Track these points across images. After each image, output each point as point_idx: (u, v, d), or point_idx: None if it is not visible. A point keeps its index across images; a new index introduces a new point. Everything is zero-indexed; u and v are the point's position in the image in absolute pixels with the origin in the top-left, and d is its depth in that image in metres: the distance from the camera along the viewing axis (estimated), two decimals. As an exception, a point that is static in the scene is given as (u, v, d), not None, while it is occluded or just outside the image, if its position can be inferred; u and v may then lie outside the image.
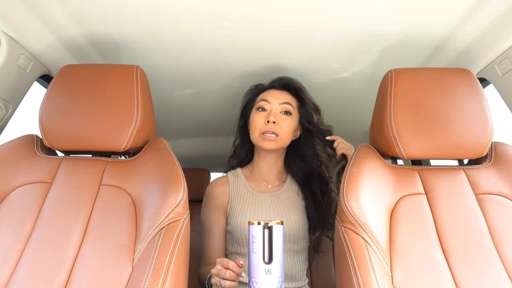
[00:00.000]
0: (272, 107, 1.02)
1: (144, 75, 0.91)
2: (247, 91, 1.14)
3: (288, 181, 1.10)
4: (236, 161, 1.16)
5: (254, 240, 0.60)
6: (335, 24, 0.92)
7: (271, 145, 1.00)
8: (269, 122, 0.99)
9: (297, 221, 0.99)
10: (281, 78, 1.09)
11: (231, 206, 1.03)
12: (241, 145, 1.15)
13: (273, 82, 1.09)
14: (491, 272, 0.68)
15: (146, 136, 0.89)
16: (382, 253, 0.69)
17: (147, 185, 0.78)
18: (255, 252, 0.60)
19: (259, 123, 1.01)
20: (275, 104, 1.03)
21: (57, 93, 0.87)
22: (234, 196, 1.04)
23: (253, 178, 1.08)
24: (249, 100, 1.12)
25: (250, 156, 1.15)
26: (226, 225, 1.02)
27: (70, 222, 0.74)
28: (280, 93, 1.06)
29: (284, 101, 1.03)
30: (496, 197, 0.77)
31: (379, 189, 0.76)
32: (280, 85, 1.08)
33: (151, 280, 0.62)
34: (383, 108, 0.84)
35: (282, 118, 1.01)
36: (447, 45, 1.00)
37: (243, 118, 1.13)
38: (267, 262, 0.60)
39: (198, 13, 0.88)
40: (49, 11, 0.87)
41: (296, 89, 1.08)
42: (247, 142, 1.13)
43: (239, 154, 1.16)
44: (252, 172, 1.10)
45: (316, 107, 1.09)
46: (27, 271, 0.68)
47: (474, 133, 0.80)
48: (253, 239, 0.60)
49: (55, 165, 0.84)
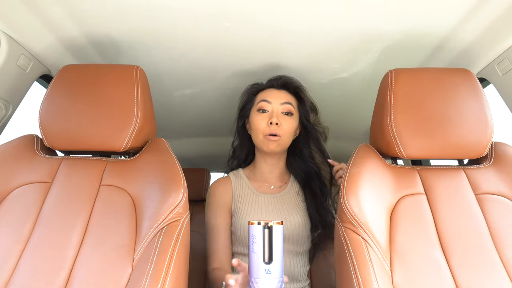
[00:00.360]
0: (274, 107, 1.01)
1: (144, 75, 0.91)
2: (244, 91, 1.13)
3: (290, 182, 1.09)
4: (236, 162, 1.15)
5: (254, 240, 0.60)
6: (335, 24, 0.92)
7: (274, 147, 1.00)
8: (272, 124, 0.98)
9: (299, 222, 0.99)
10: (279, 76, 1.07)
11: (235, 207, 1.02)
12: (241, 146, 1.14)
13: (272, 81, 1.08)
14: (491, 272, 0.68)
15: (146, 136, 0.89)
16: (382, 253, 0.69)
17: (147, 185, 0.78)
18: (255, 252, 0.60)
19: (262, 125, 1.00)
20: (276, 105, 1.02)
21: (57, 93, 0.87)
22: (237, 196, 1.04)
23: (256, 179, 1.08)
24: (247, 100, 1.10)
25: (250, 157, 1.14)
26: (231, 225, 1.01)
27: (70, 222, 0.74)
28: (280, 93, 1.05)
29: (285, 101, 1.02)
30: (496, 197, 0.77)
31: (379, 189, 0.76)
32: (279, 84, 1.06)
33: (151, 280, 0.62)
34: (383, 108, 0.84)
35: (284, 119, 1.01)
36: (447, 45, 1.00)
37: (242, 118, 1.12)
38: (267, 262, 0.59)
39: (198, 13, 0.88)
40: (49, 11, 0.87)
41: (296, 88, 1.07)
42: (246, 142, 1.12)
43: (238, 155, 1.15)
44: (254, 173, 1.09)
45: (313, 106, 1.08)
46: (27, 271, 0.68)
47: (474, 133, 0.80)
48: (253, 239, 0.60)
49: (55, 165, 0.84)
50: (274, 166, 1.08)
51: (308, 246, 1.03)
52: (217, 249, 0.97)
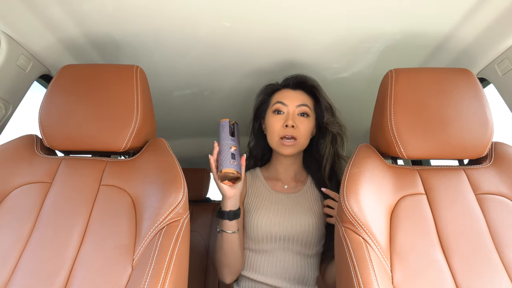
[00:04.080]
0: (289, 109, 1.00)
1: (144, 75, 0.91)
2: (260, 91, 1.11)
3: (308, 183, 1.07)
4: (253, 161, 1.15)
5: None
6: (335, 24, 0.92)
7: (290, 151, 0.98)
8: (288, 126, 0.97)
9: (311, 224, 0.97)
10: (295, 76, 1.05)
11: (247, 202, 1.03)
12: (256, 146, 1.13)
13: (287, 80, 1.06)
14: (491, 272, 0.67)
15: (146, 136, 0.89)
16: (382, 253, 0.69)
17: (147, 185, 0.78)
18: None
19: (277, 127, 0.99)
20: (292, 106, 1.00)
21: (57, 93, 0.87)
22: (251, 192, 1.04)
23: (271, 177, 1.08)
24: (263, 101, 1.09)
25: (267, 156, 1.14)
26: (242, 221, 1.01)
27: (70, 222, 0.74)
28: (296, 93, 1.03)
29: (301, 103, 1.00)
30: (496, 197, 0.77)
31: (379, 189, 0.76)
32: (294, 84, 1.04)
33: (151, 280, 0.62)
34: (383, 108, 0.84)
35: (300, 121, 0.99)
36: (447, 45, 1.00)
37: (257, 119, 1.10)
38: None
39: (198, 13, 0.88)
40: (49, 11, 0.87)
41: (312, 88, 1.04)
42: (262, 143, 1.11)
43: (255, 155, 1.14)
44: (270, 172, 1.09)
45: (329, 106, 1.04)
46: (27, 271, 0.68)
47: (474, 133, 0.80)
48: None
49: (54, 165, 0.84)
50: (289, 167, 1.07)
51: (318, 250, 1.01)
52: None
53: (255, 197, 1.03)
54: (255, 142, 1.13)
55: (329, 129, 1.02)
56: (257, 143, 1.13)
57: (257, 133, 1.12)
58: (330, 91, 1.28)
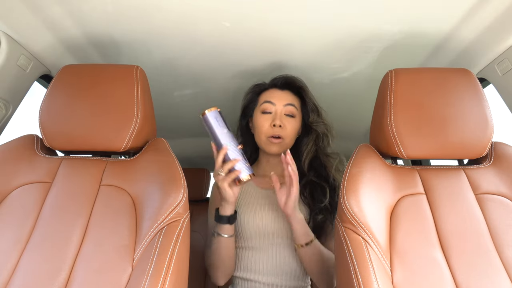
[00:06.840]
0: (277, 108, 1.02)
1: (144, 75, 0.91)
2: (248, 90, 1.13)
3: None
4: None
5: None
6: (335, 24, 0.92)
7: (277, 149, 1.01)
8: (275, 126, 0.99)
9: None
10: (283, 76, 1.08)
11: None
12: (244, 144, 1.14)
13: (275, 80, 1.08)
14: (491, 272, 0.67)
15: (146, 136, 0.89)
16: (382, 253, 0.69)
17: (147, 185, 0.78)
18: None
19: (265, 126, 1.01)
20: (280, 106, 1.02)
21: (57, 93, 0.87)
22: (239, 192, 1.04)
23: (258, 175, 1.09)
24: (251, 100, 1.11)
25: (254, 155, 1.15)
26: None
27: (70, 222, 0.74)
28: (283, 93, 1.05)
29: (288, 103, 1.03)
30: (496, 197, 0.77)
31: (379, 189, 0.76)
32: (282, 84, 1.07)
33: (151, 280, 0.62)
34: (383, 108, 0.84)
35: (287, 121, 1.01)
36: (447, 45, 1.00)
37: (245, 117, 1.13)
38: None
39: (198, 12, 0.88)
40: (49, 11, 0.87)
41: (299, 88, 1.07)
42: (249, 142, 1.13)
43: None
44: (257, 171, 1.10)
45: (315, 107, 1.07)
46: (27, 271, 0.68)
47: (474, 133, 0.80)
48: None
49: (55, 165, 0.84)
50: (276, 165, 1.08)
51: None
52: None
53: (243, 195, 1.04)
54: (242, 140, 1.15)
55: (313, 128, 1.05)
56: (244, 141, 1.14)
57: (245, 131, 1.14)
58: (330, 91, 1.29)
